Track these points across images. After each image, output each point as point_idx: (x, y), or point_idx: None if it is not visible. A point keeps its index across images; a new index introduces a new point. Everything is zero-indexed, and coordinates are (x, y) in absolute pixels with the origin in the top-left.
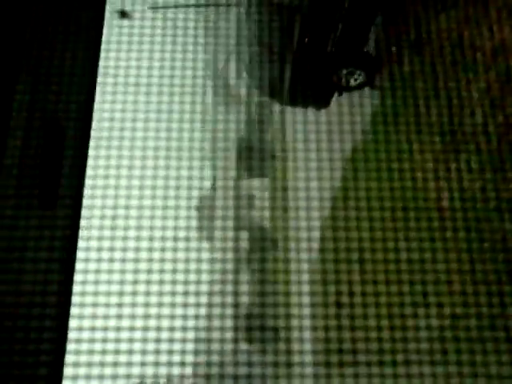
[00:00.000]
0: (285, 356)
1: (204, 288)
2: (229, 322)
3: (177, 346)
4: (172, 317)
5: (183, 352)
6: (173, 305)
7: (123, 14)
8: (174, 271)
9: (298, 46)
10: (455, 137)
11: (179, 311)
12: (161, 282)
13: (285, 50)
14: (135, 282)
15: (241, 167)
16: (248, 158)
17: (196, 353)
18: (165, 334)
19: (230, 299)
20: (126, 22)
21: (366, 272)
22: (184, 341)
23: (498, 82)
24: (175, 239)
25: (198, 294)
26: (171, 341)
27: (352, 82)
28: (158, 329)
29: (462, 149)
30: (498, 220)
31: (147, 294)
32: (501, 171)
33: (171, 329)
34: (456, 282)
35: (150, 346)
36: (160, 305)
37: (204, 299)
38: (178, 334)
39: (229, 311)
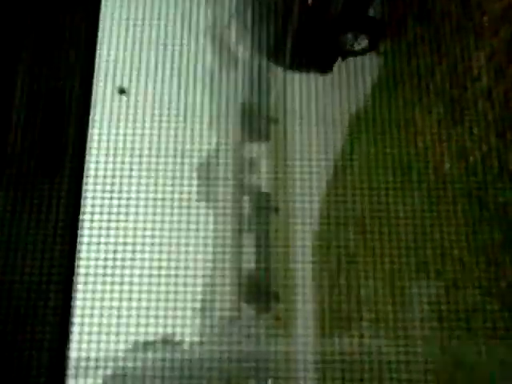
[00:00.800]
0: (285, 319)
1: (206, 250)
2: (230, 286)
3: (179, 313)
4: (174, 281)
5: (184, 316)
6: (176, 268)
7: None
8: (175, 234)
9: (301, 8)
10: (459, 102)
11: (181, 273)
12: (160, 244)
13: (288, 13)
14: (134, 244)
15: (243, 131)
16: (250, 122)
17: (197, 317)
18: (162, 295)
19: (231, 263)
20: None
21: (366, 237)
22: (184, 307)
23: (504, 47)
24: (179, 200)
25: (197, 258)
26: (171, 301)
27: (356, 47)
28: (157, 292)
29: (465, 114)
30: (499, 188)
31: (145, 258)
32: (503, 137)
33: (175, 292)
34: (454, 249)
35: (148, 309)
36: (159, 268)
37: (205, 263)
38: (180, 296)
39: (230, 275)
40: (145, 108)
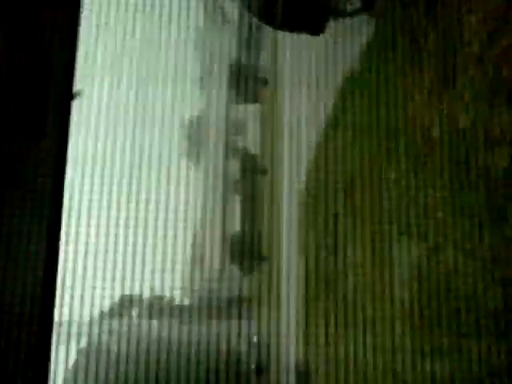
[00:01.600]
0: (273, 282)
1: (193, 214)
2: (218, 248)
3: (167, 274)
4: (162, 242)
5: (171, 278)
6: (164, 228)
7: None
8: (165, 195)
9: None
10: (450, 67)
11: (170, 234)
12: (148, 210)
13: None
14: (127, 209)
15: (231, 92)
16: (238, 83)
17: (185, 279)
18: (149, 256)
19: (219, 225)
20: None
21: (352, 199)
22: (173, 269)
23: (497, 12)
24: (168, 164)
25: (187, 219)
26: (162, 262)
27: (348, 7)
28: (143, 253)
29: (457, 80)
30: (485, 154)
31: (131, 217)
32: (491, 107)
33: (163, 253)
34: (439, 212)
35: (134, 269)
36: (155, 228)
37: (194, 225)
38: (168, 256)
39: (218, 237)
40: (131, 68)
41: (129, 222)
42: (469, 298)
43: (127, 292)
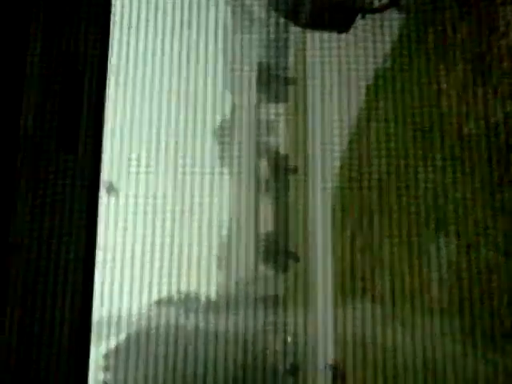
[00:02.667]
0: (303, 279)
1: (226, 214)
2: (251, 248)
3: (194, 273)
4: (188, 242)
5: (200, 276)
6: (191, 227)
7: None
8: (199, 197)
9: None
10: (484, 60)
11: (204, 234)
12: (183, 211)
13: None
14: (163, 211)
15: (261, 91)
16: (268, 83)
17: (220, 278)
18: (176, 256)
19: (251, 225)
20: None
21: (385, 197)
22: (208, 268)
23: None
24: (193, 165)
25: (220, 219)
26: (197, 261)
27: (376, 3)
28: (189, 252)
29: (492, 73)
30: None
31: (174, 221)
32: None
33: (191, 253)
34: (475, 209)
35: (161, 269)
36: (190, 228)
37: (221, 226)
38: (196, 257)
39: (247, 237)
40: (162, 75)
41: (165, 223)
42: (506, 296)
43: (164, 291)
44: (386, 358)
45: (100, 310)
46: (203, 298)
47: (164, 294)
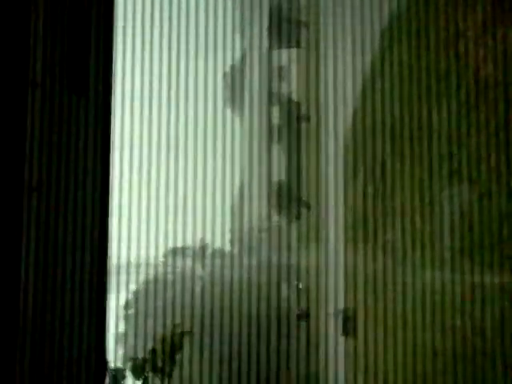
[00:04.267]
0: (315, 227)
1: (236, 160)
2: (262, 195)
3: (217, 223)
4: (201, 191)
5: (214, 225)
6: (204, 175)
7: None
8: (212, 146)
9: None
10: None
11: (209, 181)
12: (196, 160)
13: None
14: (176, 159)
15: (272, 38)
16: (280, 29)
17: (233, 226)
18: (207, 205)
19: (263, 171)
20: None
21: (398, 144)
22: (222, 216)
23: None
24: (205, 109)
25: (232, 165)
26: (212, 210)
27: None
28: (204, 201)
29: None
30: None
31: (186, 169)
32: None
33: (204, 203)
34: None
35: (176, 218)
36: (195, 176)
37: (236, 171)
38: (209, 206)
39: (262, 184)
40: (172, 20)
41: (178, 172)
42: None
43: (179, 239)
44: (395, 303)
45: (117, 256)
46: (217, 246)
47: (179, 242)
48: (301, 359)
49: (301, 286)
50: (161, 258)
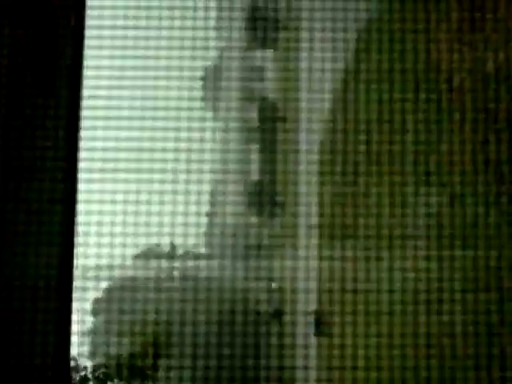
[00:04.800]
0: (292, 229)
1: (208, 157)
2: (237, 196)
3: (180, 219)
4: (177, 189)
5: (187, 225)
6: (177, 175)
7: None
8: (177, 139)
9: None
10: (479, 8)
11: (190, 182)
12: (164, 150)
13: None
14: (140, 150)
15: (248, 37)
16: (256, 28)
17: (202, 226)
18: (166, 205)
19: (238, 171)
20: None
21: (372, 145)
22: (194, 216)
23: None
24: (178, 109)
25: (201, 162)
26: (184, 210)
27: None
28: (160, 203)
29: (485, 20)
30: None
31: (155, 169)
32: None
33: (177, 201)
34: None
35: (149, 217)
36: (163, 171)
37: (213, 174)
38: (180, 208)
39: (235, 184)
40: (148, 16)
41: (152, 173)
42: (489, 248)
43: (148, 240)
44: (369, 303)
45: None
46: (190, 247)
47: (151, 243)
48: (273, 359)
49: (274, 286)
50: (130, 260)
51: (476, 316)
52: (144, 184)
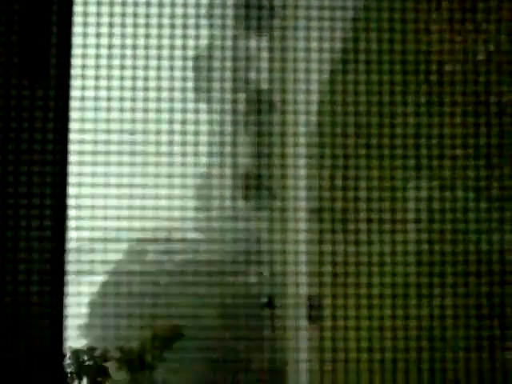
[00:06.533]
0: (280, 213)
1: (202, 149)
2: (228, 186)
3: (176, 203)
4: (168, 172)
5: (184, 217)
6: (170, 164)
7: None
8: (171, 132)
9: None
10: None
11: (181, 172)
12: (157, 143)
13: None
14: (133, 143)
15: (238, 27)
16: (245, 17)
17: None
18: (163, 190)
19: (229, 159)
20: None
21: (360, 130)
22: (184, 207)
23: None
24: (171, 100)
25: (197, 156)
26: (171, 198)
27: None
28: (156, 175)
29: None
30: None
31: (148, 157)
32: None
33: (169, 186)
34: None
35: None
36: (157, 164)
37: (204, 162)
38: (177, 191)
39: (228, 172)
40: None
41: (146, 162)
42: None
43: (140, 230)
44: (361, 288)
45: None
46: (180, 236)
47: (143, 232)
48: (266, 348)
49: (265, 273)
50: (124, 247)
51: (467, 300)
52: (136, 174)
